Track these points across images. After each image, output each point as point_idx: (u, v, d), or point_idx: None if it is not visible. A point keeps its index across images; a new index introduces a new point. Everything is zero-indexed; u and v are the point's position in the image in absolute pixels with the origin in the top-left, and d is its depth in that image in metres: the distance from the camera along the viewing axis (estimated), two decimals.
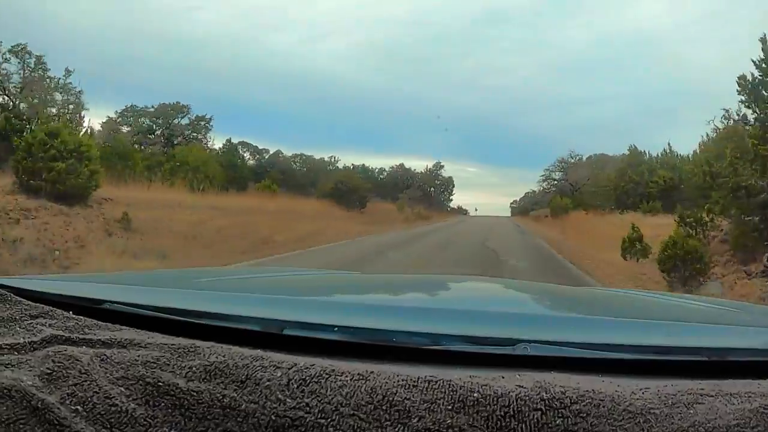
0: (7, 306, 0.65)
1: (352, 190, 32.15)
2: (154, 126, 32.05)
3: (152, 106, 32.23)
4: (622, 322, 1.03)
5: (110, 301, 0.77)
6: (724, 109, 13.13)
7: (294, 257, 11.25)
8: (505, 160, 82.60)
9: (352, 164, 48.42)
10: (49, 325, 0.62)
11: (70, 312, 0.67)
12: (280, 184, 32.78)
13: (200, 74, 50.26)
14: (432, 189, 51.30)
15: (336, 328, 0.72)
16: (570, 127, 57.01)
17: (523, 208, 54.80)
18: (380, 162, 57.73)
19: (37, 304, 0.67)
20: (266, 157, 40.04)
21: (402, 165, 51.44)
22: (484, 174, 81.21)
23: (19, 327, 0.60)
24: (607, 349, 0.71)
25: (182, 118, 32.74)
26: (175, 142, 30.62)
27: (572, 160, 44.94)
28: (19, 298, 0.67)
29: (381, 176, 49.89)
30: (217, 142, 34.22)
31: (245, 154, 38.86)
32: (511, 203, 64.15)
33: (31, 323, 0.62)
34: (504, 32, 68.53)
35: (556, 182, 45.75)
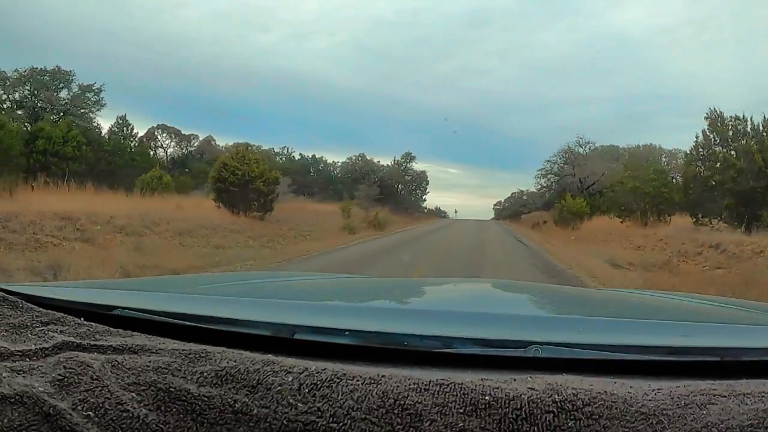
0: (19, 312, 0.65)
1: (248, 181, 19.44)
2: (32, 98, 25.20)
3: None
4: (634, 322, 1.02)
5: (121, 307, 0.78)
6: None
7: None
8: (487, 162, 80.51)
9: (300, 153, 39.34)
10: (61, 332, 0.62)
11: (81, 318, 0.67)
12: (206, 177, 23.48)
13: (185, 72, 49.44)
14: (400, 186, 40.46)
15: (347, 332, 0.72)
16: (554, 128, 56.26)
17: (511, 210, 46.05)
18: None
19: (49, 311, 0.67)
20: (195, 145, 32.31)
21: (363, 155, 39.97)
22: (466, 175, 79.25)
23: (31, 333, 0.61)
24: (619, 351, 0.71)
25: (61, 89, 26.09)
26: (55, 119, 23.49)
27: (581, 150, 34.64)
28: (30, 305, 0.68)
29: (341, 172, 40.57)
30: (108, 121, 26.91)
31: (166, 140, 31.24)
32: (495, 205, 56.25)
33: (43, 330, 0.62)
34: (486, 34, 67.80)
35: (558, 178, 35.79)
